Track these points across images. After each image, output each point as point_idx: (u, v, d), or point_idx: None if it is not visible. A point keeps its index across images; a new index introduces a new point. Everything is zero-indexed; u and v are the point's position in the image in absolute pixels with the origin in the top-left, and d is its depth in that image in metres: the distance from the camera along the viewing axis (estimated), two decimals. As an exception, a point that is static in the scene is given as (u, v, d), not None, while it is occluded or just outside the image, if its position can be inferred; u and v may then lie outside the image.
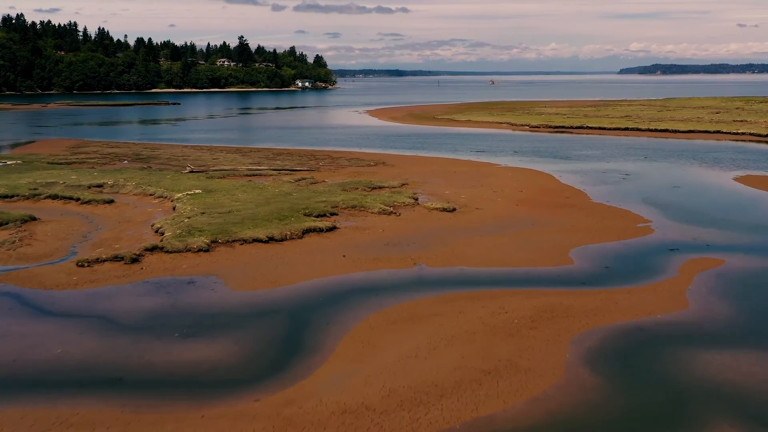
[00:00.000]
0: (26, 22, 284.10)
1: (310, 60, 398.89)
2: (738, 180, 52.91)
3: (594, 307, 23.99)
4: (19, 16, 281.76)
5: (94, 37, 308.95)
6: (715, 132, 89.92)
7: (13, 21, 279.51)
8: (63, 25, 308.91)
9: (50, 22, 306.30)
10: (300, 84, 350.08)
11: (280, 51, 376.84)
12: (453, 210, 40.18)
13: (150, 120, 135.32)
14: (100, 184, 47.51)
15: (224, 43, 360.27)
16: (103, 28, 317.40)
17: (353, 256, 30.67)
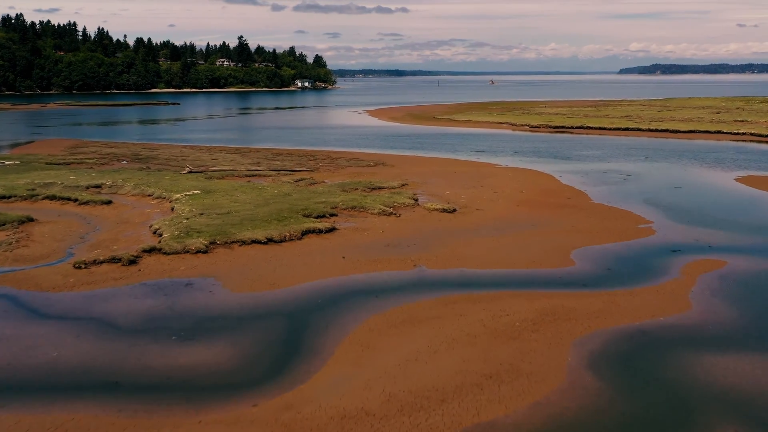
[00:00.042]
0: (25, 22, 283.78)
1: (310, 60, 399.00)
2: (739, 180, 52.66)
3: (596, 310, 23.74)
4: (18, 16, 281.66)
5: (93, 37, 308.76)
6: (715, 132, 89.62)
7: (12, 21, 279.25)
8: (62, 25, 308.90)
9: (50, 22, 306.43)
10: (300, 84, 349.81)
11: (279, 51, 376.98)
12: (453, 211, 39.92)
13: (149, 120, 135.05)
14: (99, 185, 47.26)
15: (224, 43, 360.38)
16: (102, 28, 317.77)
17: (353, 257, 30.42)
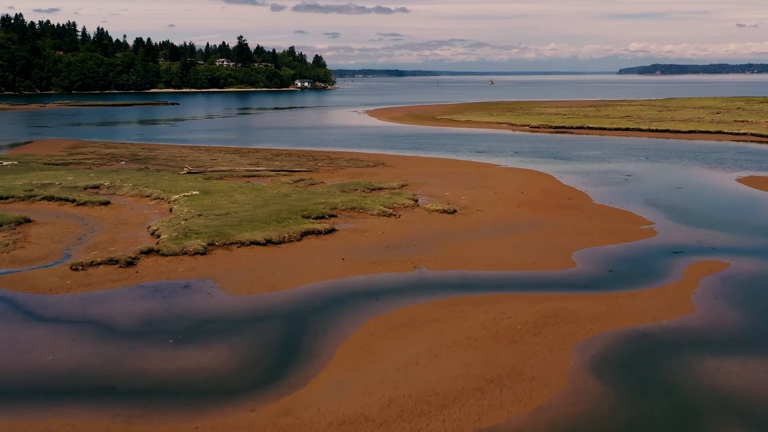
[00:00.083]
0: (25, 22, 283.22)
1: (310, 60, 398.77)
2: (741, 181, 52.39)
3: (598, 312, 23.47)
4: (18, 16, 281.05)
5: (93, 37, 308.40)
6: (716, 132, 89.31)
7: (12, 21, 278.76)
8: (62, 25, 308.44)
9: (49, 22, 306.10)
10: (299, 84, 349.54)
11: (279, 51, 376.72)
12: (453, 212, 39.65)
13: (148, 120, 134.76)
14: (97, 186, 46.98)
15: (223, 43, 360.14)
16: (102, 28, 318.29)
17: (352, 259, 30.14)
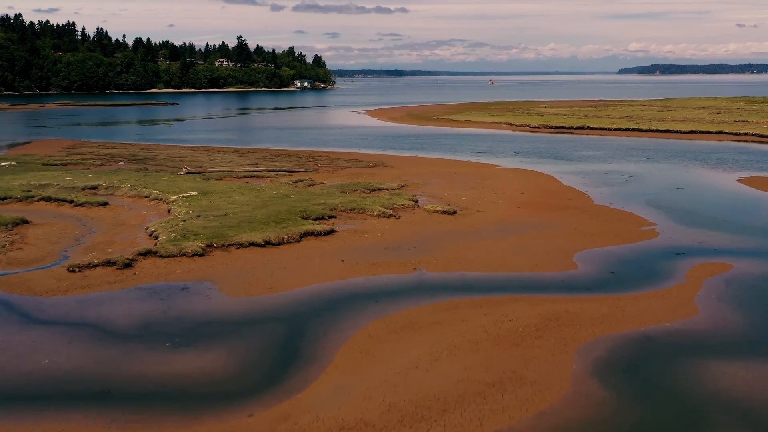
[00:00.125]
0: (24, 22, 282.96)
1: (309, 60, 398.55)
2: (742, 181, 52.14)
3: (600, 315, 23.22)
4: (17, 16, 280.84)
5: (92, 37, 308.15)
6: (717, 132, 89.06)
7: (11, 21, 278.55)
8: (61, 25, 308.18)
9: (48, 22, 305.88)
10: (299, 84, 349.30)
11: (279, 51, 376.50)
12: (453, 213, 39.40)
13: (148, 120, 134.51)
14: (95, 186, 46.72)
15: (223, 43, 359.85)
16: (101, 28, 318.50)
17: (352, 260, 29.89)
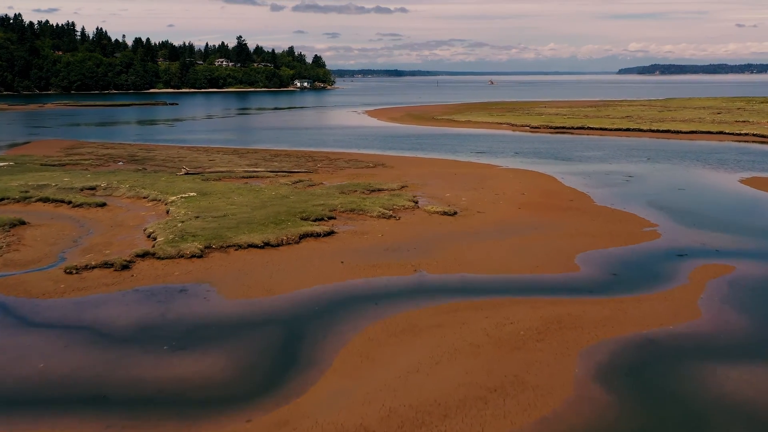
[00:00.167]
0: (24, 22, 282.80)
1: (309, 60, 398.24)
2: (744, 182, 51.89)
3: (603, 318, 22.97)
4: (17, 16, 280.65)
5: (92, 37, 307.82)
6: (717, 133, 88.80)
7: (10, 21, 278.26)
8: (61, 25, 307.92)
9: (48, 22, 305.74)
10: (299, 84, 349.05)
11: (278, 51, 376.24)
12: (454, 214, 39.15)
13: (147, 120, 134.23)
14: (93, 187, 46.45)
15: (223, 44, 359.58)
16: (101, 28, 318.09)
17: (351, 262, 29.64)
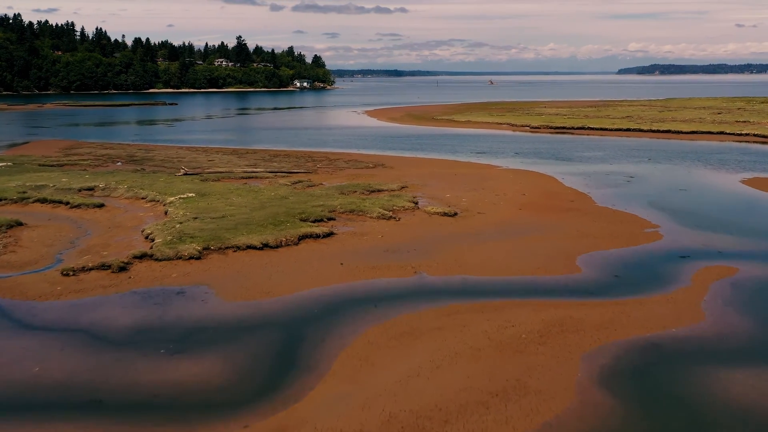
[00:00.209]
0: (23, 22, 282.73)
1: (309, 60, 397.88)
2: (745, 182, 51.62)
3: (605, 320, 22.70)
4: (16, 16, 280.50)
5: (91, 37, 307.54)
6: (718, 133, 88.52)
7: (10, 21, 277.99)
8: (60, 25, 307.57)
9: (47, 22, 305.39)
10: (298, 84, 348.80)
11: (278, 51, 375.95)
12: (454, 215, 38.89)
13: (146, 120, 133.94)
14: (92, 188, 46.18)
15: (222, 44, 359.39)
16: (100, 28, 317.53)
17: (351, 263, 29.38)
